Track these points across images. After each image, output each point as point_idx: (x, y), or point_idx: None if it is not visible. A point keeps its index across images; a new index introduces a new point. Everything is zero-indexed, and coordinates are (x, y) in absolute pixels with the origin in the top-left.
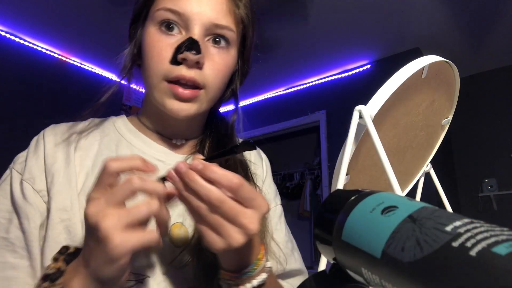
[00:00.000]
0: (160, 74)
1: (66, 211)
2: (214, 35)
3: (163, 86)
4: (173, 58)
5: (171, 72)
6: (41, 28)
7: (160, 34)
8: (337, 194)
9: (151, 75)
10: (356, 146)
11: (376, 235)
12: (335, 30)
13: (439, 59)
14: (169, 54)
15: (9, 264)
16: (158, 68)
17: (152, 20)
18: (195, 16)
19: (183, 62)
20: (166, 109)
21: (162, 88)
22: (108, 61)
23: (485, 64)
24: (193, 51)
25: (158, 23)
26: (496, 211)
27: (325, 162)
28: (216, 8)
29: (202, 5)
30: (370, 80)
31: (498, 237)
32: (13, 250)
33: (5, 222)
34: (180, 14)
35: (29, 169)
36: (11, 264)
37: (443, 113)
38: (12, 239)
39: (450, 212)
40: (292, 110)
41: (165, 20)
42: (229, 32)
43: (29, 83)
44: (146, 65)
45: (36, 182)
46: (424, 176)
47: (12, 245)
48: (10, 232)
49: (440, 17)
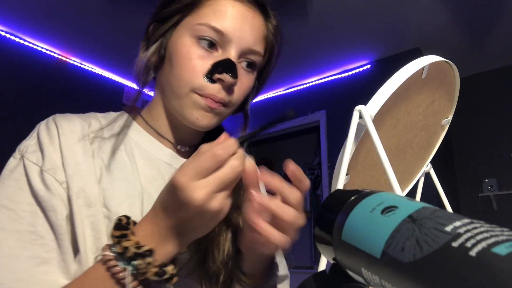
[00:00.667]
0: (191, 86)
1: (90, 208)
2: (246, 59)
3: (193, 97)
4: (209, 74)
5: (204, 89)
6: (41, 28)
7: (197, 47)
8: (337, 194)
9: (179, 85)
10: (356, 146)
11: (376, 235)
12: (335, 30)
13: (439, 59)
14: (204, 69)
15: (41, 259)
16: (190, 80)
17: (191, 31)
18: (236, 39)
19: (218, 82)
20: (190, 119)
21: (191, 98)
22: (108, 61)
23: (485, 64)
24: (231, 74)
25: (198, 37)
26: (496, 211)
27: (325, 162)
28: (254, 34)
29: (244, 29)
30: (370, 80)
31: (498, 238)
32: (44, 243)
33: (28, 215)
34: (223, 34)
35: (49, 160)
36: (44, 258)
37: (443, 113)
38: (41, 232)
39: (450, 212)
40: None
41: (207, 38)
42: (259, 58)
43: (29, 83)
44: (176, 74)
45: (57, 173)
46: (424, 176)
47: (42, 239)
48: (37, 225)
49: (440, 17)
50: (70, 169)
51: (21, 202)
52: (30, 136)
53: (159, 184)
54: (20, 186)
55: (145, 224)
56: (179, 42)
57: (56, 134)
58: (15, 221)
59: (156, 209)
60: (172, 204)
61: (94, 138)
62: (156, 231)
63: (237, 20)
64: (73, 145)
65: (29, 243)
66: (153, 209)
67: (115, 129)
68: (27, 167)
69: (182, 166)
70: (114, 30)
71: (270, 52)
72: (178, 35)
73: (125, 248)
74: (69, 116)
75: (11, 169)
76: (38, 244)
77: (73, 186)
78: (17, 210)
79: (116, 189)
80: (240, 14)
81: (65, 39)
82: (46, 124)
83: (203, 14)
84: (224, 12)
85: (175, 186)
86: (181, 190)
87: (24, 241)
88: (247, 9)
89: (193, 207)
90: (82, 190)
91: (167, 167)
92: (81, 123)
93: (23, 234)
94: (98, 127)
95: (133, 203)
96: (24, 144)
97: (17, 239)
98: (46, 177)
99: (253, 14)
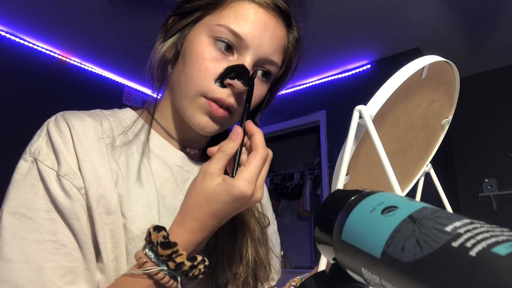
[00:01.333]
0: (200, 89)
1: (109, 215)
2: (262, 68)
3: (200, 101)
4: (220, 78)
5: (213, 93)
6: (41, 28)
7: (212, 48)
8: (337, 194)
9: (189, 86)
10: (356, 146)
11: (376, 235)
12: (335, 30)
13: (439, 59)
14: (217, 72)
15: (65, 269)
16: (200, 82)
17: (209, 31)
18: (254, 46)
19: (228, 87)
20: (193, 122)
21: (197, 102)
22: (108, 61)
23: (485, 64)
24: (243, 81)
25: (215, 38)
26: (496, 211)
27: (325, 162)
28: (274, 44)
29: (264, 37)
30: (370, 80)
31: (498, 238)
32: (67, 253)
33: (48, 223)
34: (241, 39)
35: (65, 164)
36: (68, 268)
37: (443, 113)
38: (62, 240)
39: (450, 213)
40: (292, 110)
41: (225, 40)
42: (275, 69)
43: (29, 83)
44: (187, 73)
45: (75, 179)
46: (424, 176)
47: (65, 247)
48: (58, 233)
49: (440, 17)
50: (88, 175)
51: (39, 210)
52: (39, 136)
53: (172, 187)
54: (36, 192)
55: (185, 235)
56: (196, 40)
57: (69, 135)
58: (35, 230)
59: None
60: (228, 209)
61: (108, 140)
62: (198, 238)
63: (258, 27)
64: (89, 149)
65: (52, 253)
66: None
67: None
68: (42, 171)
69: (241, 176)
70: (114, 30)
71: (287, 64)
72: (196, 32)
73: (179, 264)
74: (79, 114)
75: (24, 174)
76: (61, 253)
77: (92, 193)
78: (36, 218)
79: (132, 195)
80: (262, 21)
81: (65, 39)
82: (55, 123)
83: (224, 15)
84: (246, 17)
85: (241, 196)
86: (249, 198)
87: (47, 251)
88: (270, 16)
89: (252, 204)
90: (102, 197)
91: (179, 169)
92: (93, 123)
93: (45, 243)
94: (109, 128)
95: (149, 209)
96: (35, 145)
97: (39, 249)
98: (65, 183)
99: (275, 23)
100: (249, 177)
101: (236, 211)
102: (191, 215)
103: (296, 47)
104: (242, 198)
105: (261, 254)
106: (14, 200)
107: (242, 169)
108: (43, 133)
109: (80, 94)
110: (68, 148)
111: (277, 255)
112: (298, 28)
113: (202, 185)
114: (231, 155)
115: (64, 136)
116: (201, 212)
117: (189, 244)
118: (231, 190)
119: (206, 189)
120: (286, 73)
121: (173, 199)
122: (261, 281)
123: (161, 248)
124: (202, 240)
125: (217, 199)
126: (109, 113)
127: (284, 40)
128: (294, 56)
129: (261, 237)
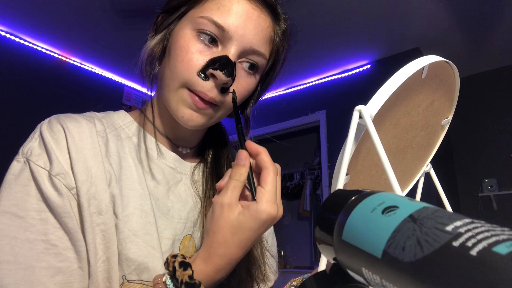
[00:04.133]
0: (183, 81)
1: (100, 215)
2: (248, 60)
3: (183, 93)
4: (203, 70)
5: (195, 85)
6: (41, 28)
7: (195, 41)
8: (338, 194)
9: (173, 78)
10: (356, 146)
11: (376, 235)
12: (335, 30)
13: (439, 59)
14: (200, 64)
15: (56, 269)
16: (183, 74)
17: (192, 24)
18: (238, 37)
19: (211, 78)
20: (177, 115)
21: (180, 94)
22: (108, 61)
23: (485, 64)
24: (226, 72)
25: (198, 30)
26: (496, 211)
27: (325, 162)
28: (259, 34)
29: (248, 27)
30: (370, 80)
31: (499, 237)
32: (58, 253)
33: (39, 223)
34: (224, 30)
35: (57, 164)
36: (58, 268)
37: (443, 113)
38: (53, 240)
39: (451, 212)
40: (292, 110)
41: (207, 32)
42: (263, 60)
43: (29, 83)
44: (171, 66)
45: (67, 179)
46: (424, 176)
47: (55, 247)
48: (48, 233)
49: (440, 17)
50: (81, 175)
51: (30, 210)
52: (32, 138)
53: (164, 189)
54: (28, 192)
55: (210, 273)
56: (180, 34)
57: (62, 136)
58: (26, 230)
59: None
60: (255, 236)
61: (102, 141)
62: (223, 275)
63: (240, 17)
64: (83, 149)
65: (42, 253)
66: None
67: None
68: (35, 171)
69: (264, 199)
70: (114, 30)
71: (275, 56)
72: (181, 26)
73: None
74: (73, 116)
75: (16, 174)
76: (51, 253)
77: (84, 192)
78: (27, 218)
79: (125, 196)
80: (245, 11)
81: (65, 39)
82: (49, 125)
83: (207, 7)
84: (228, 8)
85: (269, 218)
86: (275, 217)
87: (37, 251)
88: (253, 7)
89: (273, 222)
90: (93, 197)
91: (171, 171)
92: (88, 125)
93: (35, 243)
94: (102, 129)
95: (141, 211)
96: (27, 146)
97: (29, 248)
98: (56, 182)
99: (259, 13)
100: (270, 197)
101: (261, 235)
102: (217, 252)
103: (284, 39)
104: (269, 220)
105: (254, 253)
106: (5, 199)
107: (262, 191)
108: (36, 135)
109: (80, 94)
110: (60, 148)
111: (274, 255)
112: (286, 20)
113: (224, 218)
114: (245, 181)
115: (56, 137)
116: (228, 247)
117: (212, 282)
118: (258, 216)
119: (229, 222)
120: (275, 66)
121: (166, 200)
122: (257, 280)
123: (185, 287)
124: (225, 275)
125: (244, 228)
126: (102, 115)
127: (269, 30)
128: (282, 48)
129: None
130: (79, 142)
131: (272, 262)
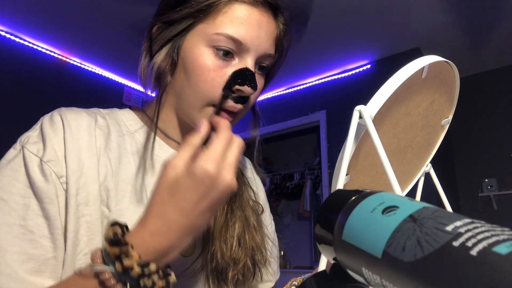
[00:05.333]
0: (209, 100)
1: (87, 206)
2: (261, 64)
3: (208, 111)
4: (228, 86)
5: (222, 103)
6: (41, 28)
7: (213, 58)
8: (338, 194)
9: (197, 97)
10: (356, 146)
11: (376, 235)
12: (335, 30)
13: (439, 59)
14: (223, 80)
15: (28, 256)
16: (209, 95)
17: (207, 41)
18: (254, 46)
19: (237, 92)
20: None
21: (206, 111)
22: (108, 61)
23: (485, 64)
24: (252, 85)
25: (215, 47)
26: (496, 211)
27: (325, 162)
28: (270, 39)
29: (261, 35)
30: (370, 80)
31: (499, 237)
32: (33, 239)
33: (20, 208)
34: (241, 44)
35: (50, 151)
36: (31, 255)
37: (443, 113)
38: (30, 226)
39: (451, 212)
40: (292, 110)
41: (225, 49)
42: (272, 60)
43: (29, 83)
44: (193, 85)
45: (57, 166)
46: (424, 176)
47: (31, 234)
48: (28, 219)
49: (440, 17)
50: (72, 164)
51: (15, 194)
52: (32, 128)
53: None
54: (16, 177)
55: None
56: (196, 52)
57: (61, 126)
58: (6, 214)
59: (158, 213)
60: (193, 198)
61: (102, 136)
62: (163, 243)
63: (254, 28)
64: (79, 140)
65: (17, 238)
66: (152, 216)
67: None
68: (26, 157)
69: (203, 156)
70: (114, 30)
71: (280, 51)
72: (193, 43)
73: (127, 267)
74: (75, 109)
75: (9, 159)
76: (26, 239)
77: (73, 181)
78: (10, 201)
79: (120, 190)
80: (257, 20)
81: (65, 39)
82: (50, 116)
83: (220, 22)
84: (241, 20)
85: (205, 175)
86: (214, 178)
87: (13, 235)
88: (262, 13)
89: (224, 191)
90: (82, 187)
91: None
92: (88, 118)
93: (13, 227)
94: (105, 125)
95: (136, 206)
96: (26, 135)
97: (5, 232)
98: (45, 168)
99: (267, 18)
100: (211, 156)
101: (204, 200)
102: (152, 212)
103: (286, 32)
104: (205, 178)
105: (257, 239)
106: None
107: (204, 151)
108: (37, 126)
109: (80, 94)
110: (57, 137)
111: (276, 255)
112: (282, 13)
113: (163, 178)
114: (196, 145)
115: (55, 127)
116: (163, 206)
117: (149, 248)
118: (193, 171)
119: (167, 180)
120: (279, 59)
121: None
122: (259, 266)
123: (109, 245)
124: (168, 246)
125: (180, 187)
126: (107, 112)
127: (276, 31)
128: (285, 40)
129: (256, 223)
130: (76, 133)
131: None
